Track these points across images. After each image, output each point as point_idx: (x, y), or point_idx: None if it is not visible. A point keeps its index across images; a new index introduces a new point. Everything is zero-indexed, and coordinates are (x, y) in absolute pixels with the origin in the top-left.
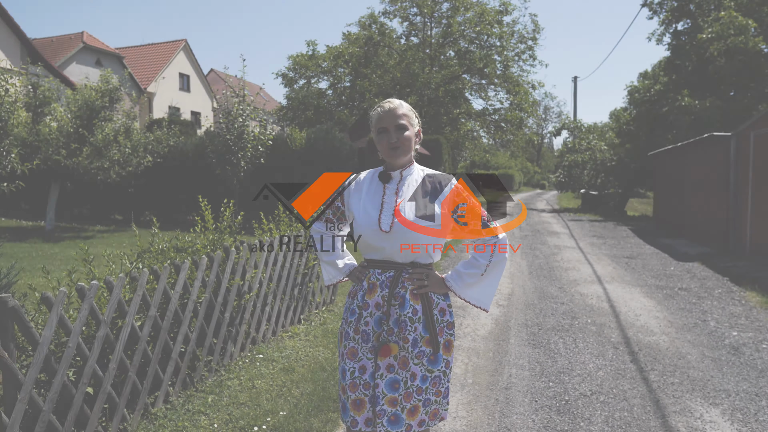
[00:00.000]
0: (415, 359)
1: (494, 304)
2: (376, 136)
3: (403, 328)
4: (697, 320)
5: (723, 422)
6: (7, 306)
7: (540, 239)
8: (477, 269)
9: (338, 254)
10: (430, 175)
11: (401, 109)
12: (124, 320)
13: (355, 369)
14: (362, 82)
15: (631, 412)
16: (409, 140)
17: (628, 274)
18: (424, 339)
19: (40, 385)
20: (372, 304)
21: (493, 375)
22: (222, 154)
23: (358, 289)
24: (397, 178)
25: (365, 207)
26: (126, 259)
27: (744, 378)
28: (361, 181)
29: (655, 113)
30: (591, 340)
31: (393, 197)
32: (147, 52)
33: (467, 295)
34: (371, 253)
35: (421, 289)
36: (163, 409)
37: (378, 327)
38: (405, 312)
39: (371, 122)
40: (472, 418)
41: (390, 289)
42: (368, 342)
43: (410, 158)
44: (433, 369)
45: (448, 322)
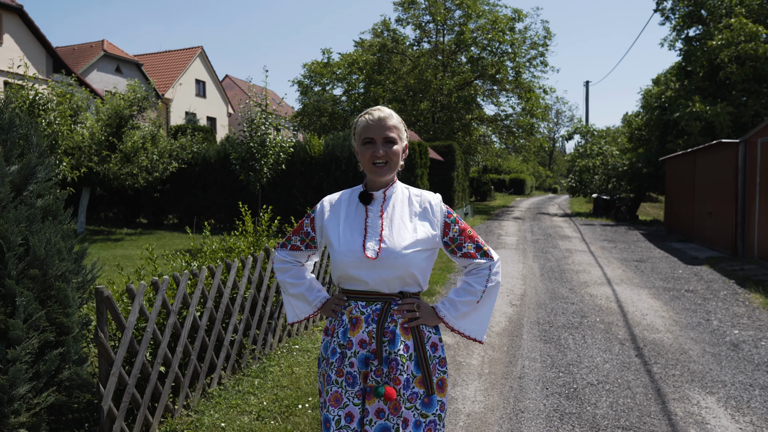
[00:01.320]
0: (408, 402)
1: (507, 303)
2: (360, 147)
3: (393, 367)
4: (701, 319)
5: (717, 408)
6: (102, 295)
7: (552, 243)
8: (472, 296)
9: (307, 285)
10: (417, 194)
11: (391, 120)
12: (188, 310)
13: (341, 417)
14: (376, 89)
15: (634, 398)
16: (396, 155)
17: (637, 277)
18: (416, 379)
19: (125, 364)
20: (356, 342)
21: (507, 366)
22: (245, 160)
23: (337, 324)
24: (380, 198)
25: (345, 232)
26: (181, 258)
27: (741, 371)
28: (337, 202)
29: (667, 119)
30: (599, 337)
31: (377, 220)
32: (164, 59)
33: (461, 326)
34: (352, 284)
35: (413, 322)
36: (218, 390)
37: (363, 366)
38: (396, 349)
39: (355, 130)
40: (489, 402)
41: (378, 323)
42: (354, 386)
43: (394, 176)
44: (428, 413)
45: (440, 358)
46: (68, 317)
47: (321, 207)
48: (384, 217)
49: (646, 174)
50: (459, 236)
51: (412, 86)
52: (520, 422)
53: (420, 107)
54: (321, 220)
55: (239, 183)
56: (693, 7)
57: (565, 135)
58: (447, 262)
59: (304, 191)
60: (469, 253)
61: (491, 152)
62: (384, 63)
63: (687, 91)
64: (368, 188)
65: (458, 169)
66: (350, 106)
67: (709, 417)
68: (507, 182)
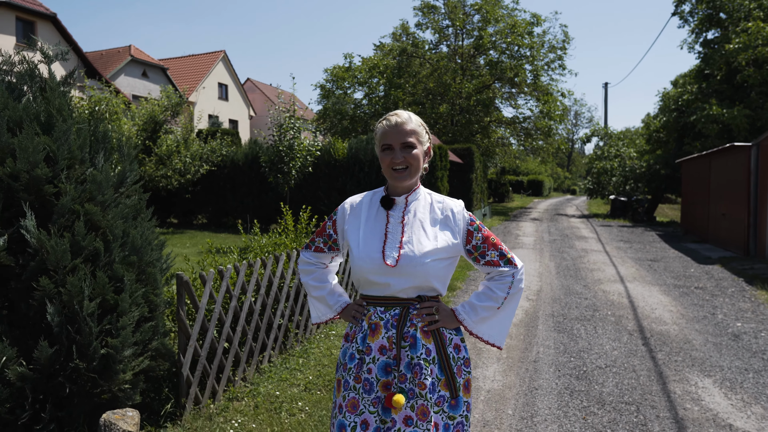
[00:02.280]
0: (435, 406)
1: (524, 298)
2: (380, 154)
3: (417, 372)
4: (707, 313)
5: (713, 388)
6: (182, 280)
7: (568, 243)
8: (494, 302)
9: (329, 289)
10: (439, 200)
11: (409, 125)
12: (246, 296)
13: (357, 424)
14: (396, 92)
15: (638, 380)
16: (417, 160)
17: (650, 275)
18: (441, 382)
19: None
20: (375, 348)
21: (523, 352)
22: (275, 163)
23: (357, 330)
24: (401, 204)
25: (365, 237)
26: (234, 252)
27: (738, 358)
28: (358, 205)
29: (684, 121)
30: (609, 328)
31: (398, 227)
32: (188, 63)
33: (480, 331)
34: (371, 289)
35: (433, 326)
36: (268, 366)
37: (383, 374)
38: (418, 354)
39: (376, 136)
40: (507, 381)
41: (398, 329)
42: (371, 393)
43: (416, 180)
44: (455, 415)
45: (465, 359)
46: (157, 297)
47: (342, 209)
48: (405, 224)
49: (664, 176)
50: (482, 244)
51: (432, 89)
52: (534, 397)
53: (439, 110)
54: (342, 223)
55: (266, 184)
56: (712, 11)
57: (583, 137)
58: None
59: (329, 193)
60: (492, 261)
61: (509, 154)
62: (404, 67)
63: (705, 93)
64: (390, 193)
65: (477, 171)
66: (371, 109)
67: (705, 395)
68: (525, 184)
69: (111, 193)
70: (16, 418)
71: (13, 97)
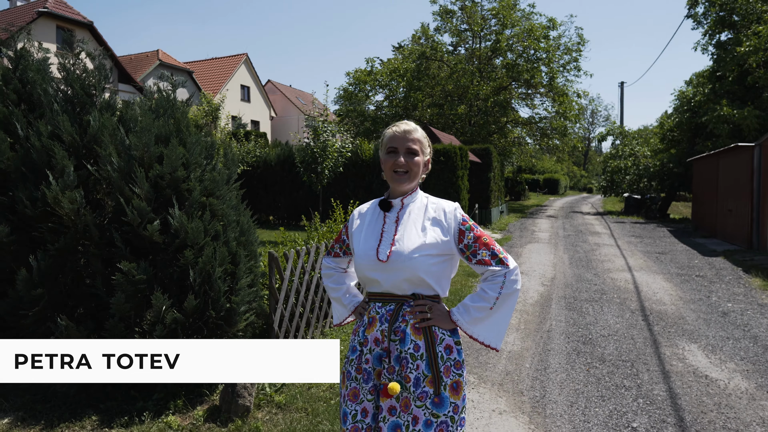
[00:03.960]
0: (418, 401)
1: (540, 284)
2: (384, 156)
3: (404, 365)
4: (703, 296)
5: (697, 351)
6: (273, 256)
7: (582, 238)
8: (486, 302)
9: (344, 290)
10: (434, 202)
11: (415, 134)
12: (314, 272)
13: (357, 412)
14: (415, 95)
15: (635, 345)
16: (417, 166)
17: (656, 265)
18: (427, 378)
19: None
20: (371, 340)
21: (538, 324)
22: (309, 163)
23: (360, 324)
24: (397, 206)
25: (365, 238)
26: (299, 240)
27: (723, 329)
28: (365, 212)
29: (696, 121)
30: (614, 307)
31: (393, 226)
32: (212, 66)
33: (474, 332)
34: (371, 286)
35: (424, 323)
36: (330, 330)
37: (377, 363)
38: (406, 348)
39: (382, 140)
40: (525, 345)
41: (389, 323)
42: (369, 382)
43: (415, 186)
44: (439, 414)
45: (456, 361)
46: (257, 268)
47: (352, 217)
48: (399, 223)
49: (677, 174)
50: (474, 243)
51: (450, 91)
52: (547, 356)
53: (458, 111)
54: (352, 229)
55: (296, 183)
56: (724, 13)
57: (598, 136)
58: None
59: (356, 191)
60: (483, 260)
61: (525, 153)
62: (423, 70)
63: (717, 94)
64: (390, 196)
65: (494, 170)
66: (391, 111)
67: (689, 356)
68: (541, 182)
69: (224, 188)
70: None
71: (154, 117)
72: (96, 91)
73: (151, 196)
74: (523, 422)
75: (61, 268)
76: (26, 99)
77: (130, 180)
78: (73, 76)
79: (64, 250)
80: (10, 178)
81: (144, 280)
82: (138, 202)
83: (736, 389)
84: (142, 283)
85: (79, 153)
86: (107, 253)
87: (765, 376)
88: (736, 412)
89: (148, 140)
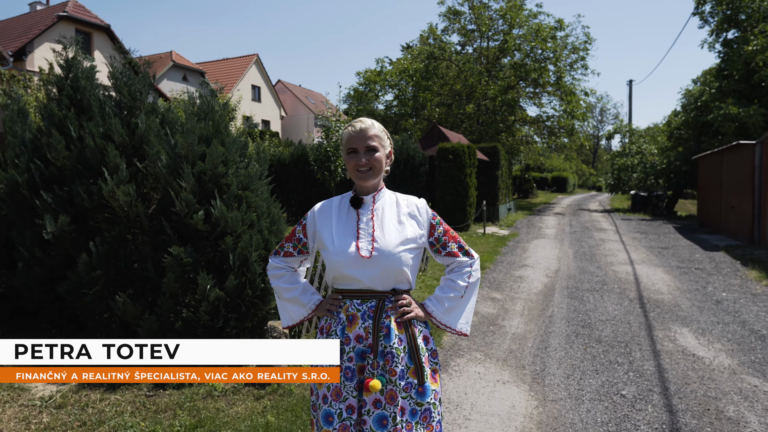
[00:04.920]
0: (403, 392)
1: (544, 275)
2: (346, 157)
3: (389, 360)
4: (699, 287)
5: (688, 334)
6: None
7: (587, 234)
8: (457, 291)
9: (301, 289)
10: (403, 198)
11: (372, 130)
12: None
13: (342, 410)
14: (424, 94)
15: (630, 328)
16: (379, 162)
17: (657, 259)
18: (410, 370)
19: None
20: (353, 338)
21: (541, 311)
22: (322, 162)
23: (333, 323)
24: (369, 202)
25: (339, 235)
26: None
27: (714, 315)
28: (328, 209)
29: (703, 120)
30: (614, 296)
31: (369, 223)
32: (223, 66)
33: (448, 321)
34: (347, 283)
35: (406, 317)
36: None
37: (360, 360)
38: (391, 343)
39: (341, 141)
40: (528, 328)
41: (374, 319)
42: (353, 380)
43: (380, 181)
44: (423, 402)
45: (432, 350)
46: None
47: (312, 214)
48: (374, 219)
49: (684, 172)
50: (443, 236)
51: (458, 91)
52: (548, 337)
53: (466, 110)
54: (313, 227)
55: (309, 181)
56: (731, 12)
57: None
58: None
59: None
60: (452, 252)
61: (533, 151)
62: (431, 70)
63: (723, 92)
64: (358, 193)
65: (502, 168)
66: (400, 110)
67: (680, 338)
68: (549, 180)
69: (257, 183)
70: (214, 324)
71: (197, 120)
72: (141, 96)
73: (196, 190)
74: (524, 390)
75: (115, 253)
76: (77, 104)
77: (178, 175)
78: (121, 83)
79: (118, 238)
80: (66, 175)
81: (191, 262)
82: (186, 195)
83: (719, 365)
84: (189, 266)
85: (127, 152)
86: (155, 240)
87: (747, 355)
88: (717, 383)
89: (192, 140)
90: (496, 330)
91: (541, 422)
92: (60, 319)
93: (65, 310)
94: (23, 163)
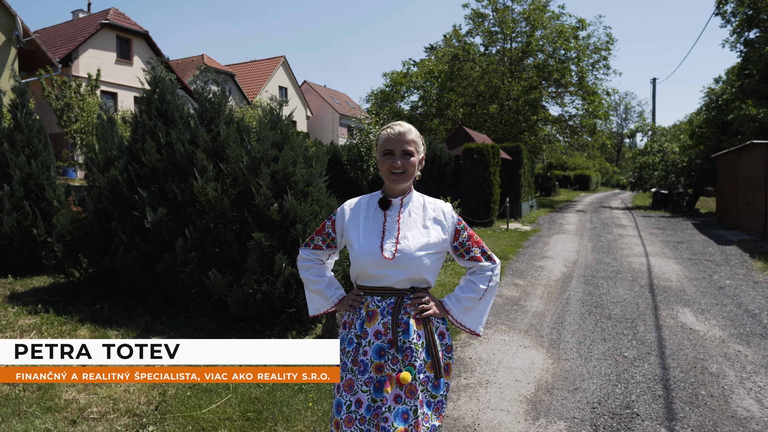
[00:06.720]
0: (421, 386)
1: (563, 265)
2: (380, 157)
3: (408, 355)
4: (706, 275)
5: (689, 313)
6: None
7: (607, 230)
8: (476, 293)
9: (326, 283)
10: (431, 202)
11: (409, 135)
12: None
13: (351, 402)
14: (449, 95)
15: (638, 309)
16: (413, 166)
17: (671, 252)
18: (427, 364)
19: None
20: (371, 333)
21: (559, 294)
22: (355, 161)
23: (355, 317)
24: (397, 204)
25: (365, 234)
26: None
27: (714, 298)
28: (357, 207)
29: (723, 119)
30: (626, 283)
31: (395, 224)
32: (252, 68)
33: (463, 320)
34: (369, 281)
35: (425, 314)
36: None
37: (376, 357)
38: (409, 338)
39: (378, 142)
40: (547, 307)
41: (393, 316)
42: (365, 373)
43: (410, 185)
44: (437, 394)
45: (447, 345)
46: None
47: (342, 210)
48: (400, 222)
49: (705, 169)
50: (467, 241)
51: (482, 91)
52: (564, 314)
53: (489, 110)
54: (342, 222)
55: (341, 180)
56: (752, 11)
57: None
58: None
59: None
60: (475, 256)
61: (556, 150)
62: (455, 71)
63: (744, 92)
64: (387, 195)
65: (525, 167)
66: (425, 110)
67: (681, 316)
68: (572, 178)
69: (318, 180)
70: (288, 296)
71: (270, 128)
72: (221, 108)
73: (271, 186)
74: (542, 353)
75: (203, 239)
76: (162, 114)
77: (256, 174)
78: (204, 97)
79: (207, 226)
80: (158, 175)
81: (269, 246)
82: (264, 191)
83: (711, 336)
84: (268, 249)
85: (210, 155)
86: (237, 228)
87: (737, 329)
88: (707, 349)
89: (267, 145)
90: (519, 309)
91: (555, 373)
92: (150, 295)
93: (155, 287)
94: (121, 165)
